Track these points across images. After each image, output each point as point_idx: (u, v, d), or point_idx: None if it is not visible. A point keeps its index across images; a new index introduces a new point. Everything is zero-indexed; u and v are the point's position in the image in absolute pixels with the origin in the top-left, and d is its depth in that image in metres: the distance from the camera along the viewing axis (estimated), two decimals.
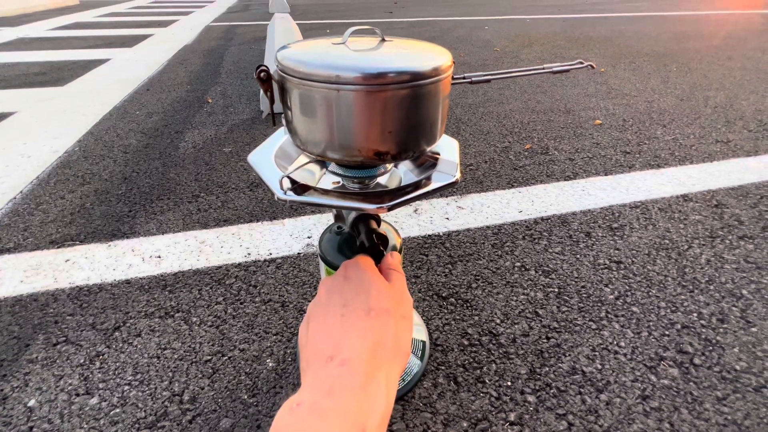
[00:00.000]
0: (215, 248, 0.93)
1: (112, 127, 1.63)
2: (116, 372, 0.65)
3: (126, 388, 0.62)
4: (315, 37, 0.45)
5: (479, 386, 0.62)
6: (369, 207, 0.39)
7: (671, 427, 0.56)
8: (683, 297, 0.78)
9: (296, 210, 1.08)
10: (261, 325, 0.73)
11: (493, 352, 0.67)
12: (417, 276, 0.84)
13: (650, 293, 0.79)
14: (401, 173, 0.49)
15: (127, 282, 0.83)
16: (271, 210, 1.08)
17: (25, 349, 0.69)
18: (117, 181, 1.22)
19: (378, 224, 0.49)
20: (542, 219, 1.03)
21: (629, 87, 2.05)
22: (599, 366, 0.65)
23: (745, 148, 1.38)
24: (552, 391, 0.61)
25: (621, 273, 0.84)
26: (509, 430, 0.56)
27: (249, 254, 0.91)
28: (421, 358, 0.64)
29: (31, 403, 0.60)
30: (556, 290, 0.80)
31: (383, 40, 0.42)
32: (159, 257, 0.91)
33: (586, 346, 0.68)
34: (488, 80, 0.47)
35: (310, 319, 0.37)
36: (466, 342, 0.69)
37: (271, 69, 0.40)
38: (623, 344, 0.68)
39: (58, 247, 0.94)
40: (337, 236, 0.52)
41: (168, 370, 0.65)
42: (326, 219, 1.03)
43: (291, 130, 0.42)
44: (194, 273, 0.86)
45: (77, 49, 3.08)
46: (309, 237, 0.97)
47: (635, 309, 0.75)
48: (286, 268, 0.87)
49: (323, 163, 0.48)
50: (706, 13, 4.58)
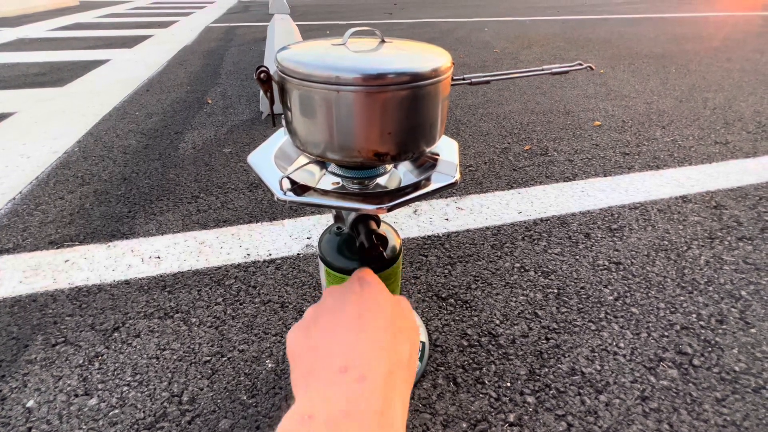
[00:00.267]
0: (215, 249, 0.93)
1: (112, 128, 1.63)
2: (115, 373, 0.65)
3: (125, 389, 0.62)
4: (315, 38, 0.45)
5: (479, 387, 0.62)
6: (368, 208, 0.39)
7: (670, 428, 0.56)
8: (682, 298, 0.78)
9: (296, 211, 1.08)
10: (260, 326, 0.73)
11: (493, 353, 0.67)
12: (416, 277, 0.84)
13: (649, 294, 0.79)
14: (401, 174, 0.49)
15: (127, 282, 0.83)
16: (271, 211, 1.08)
17: (24, 350, 0.69)
18: (116, 182, 1.22)
19: (378, 225, 0.49)
20: (541, 220, 1.03)
21: (628, 88, 2.05)
22: (598, 367, 0.65)
23: (744, 150, 1.38)
24: (551, 392, 0.61)
25: (620, 274, 0.84)
26: (509, 431, 0.56)
27: (248, 255, 0.91)
28: (421, 359, 0.64)
29: (30, 404, 0.60)
30: (556, 291, 0.80)
31: (383, 42, 0.42)
32: (158, 258, 0.90)
33: (586, 347, 0.68)
34: (488, 81, 0.47)
35: (315, 325, 0.35)
36: (466, 343, 0.69)
37: (271, 70, 0.40)
38: (622, 345, 0.68)
39: (58, 248, 0.94)
40: (337, 237, 0.52)
41: (167, 371, 0.65)
42: (326, 220, 1.03)
43: (291, 131, 0.42)
44: (194, 274, 0.86)
45: (77, 50, 3.08)
46: (308, 238, 0.97)
47: (634, 310, 0.75)
48: (286, 269, 0.87)
49: (323, 164, 0.48)
50: (705, 15, 4.59)
